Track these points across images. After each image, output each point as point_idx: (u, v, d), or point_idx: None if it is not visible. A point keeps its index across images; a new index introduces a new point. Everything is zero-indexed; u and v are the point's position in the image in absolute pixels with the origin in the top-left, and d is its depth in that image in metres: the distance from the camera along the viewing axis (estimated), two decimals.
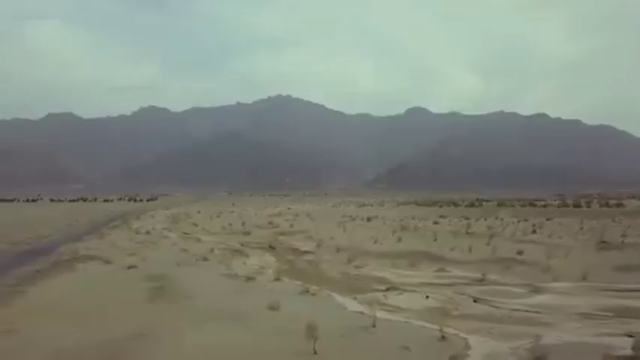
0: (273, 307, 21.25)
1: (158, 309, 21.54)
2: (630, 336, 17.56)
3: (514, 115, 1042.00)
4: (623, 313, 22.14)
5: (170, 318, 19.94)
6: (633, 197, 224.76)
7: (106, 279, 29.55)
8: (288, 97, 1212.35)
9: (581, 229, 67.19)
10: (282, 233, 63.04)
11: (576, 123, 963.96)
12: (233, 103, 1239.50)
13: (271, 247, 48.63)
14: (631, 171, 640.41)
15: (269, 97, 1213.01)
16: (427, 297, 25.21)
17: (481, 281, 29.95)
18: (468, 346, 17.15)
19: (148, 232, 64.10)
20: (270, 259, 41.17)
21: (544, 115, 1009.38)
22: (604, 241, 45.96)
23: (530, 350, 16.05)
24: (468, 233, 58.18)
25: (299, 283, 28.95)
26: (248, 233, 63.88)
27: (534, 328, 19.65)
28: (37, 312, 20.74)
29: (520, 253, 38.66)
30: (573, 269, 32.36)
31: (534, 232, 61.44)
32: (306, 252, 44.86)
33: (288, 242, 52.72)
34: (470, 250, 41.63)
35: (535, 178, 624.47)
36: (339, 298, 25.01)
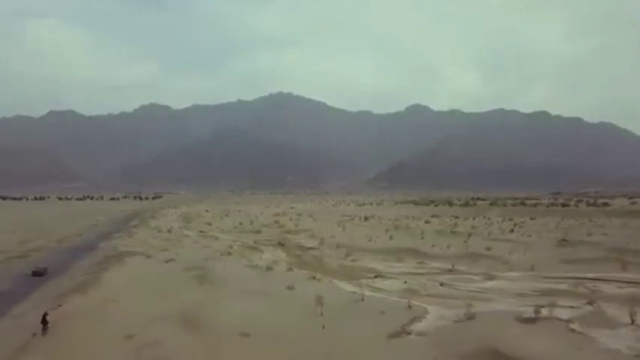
0: (289, 288, 29.18)
1: (206, 289, 29.45)
2: (540, 306, 25.34)
3: (514, 112, 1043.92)
4: (548, 293, 29.87)
5: (217, 295, 27.82)
6: (625, 196, 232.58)
7: (155, 269, 37.43)
8: (289, 94, 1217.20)
9: (557, 227, 74.90)
10: (289, 232, 70.85)
11: (577, 121, 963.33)
12: (234, 100, 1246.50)
13: (281, 244, 56.48)
14: (632, 169, 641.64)
15: (270, 95, 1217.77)
16: (405, 282, 33.03)
17: (450, 271, 37.81)
18: (426, 312, 25.01)
19: (169, 231, 71.93)
20: (281, 254, 49.00)
21: (544, 113, 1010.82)
22: (564, 239, 53.76)
23: (466, 314, 23.87)
24: (452, 232, 66.05)
25: (307, 272, 36.79)
26: (258, 232, 71.74)
27: (478, 302, 27.39)
28: (120, 291, 28.60)
29: (489, 249, 46.52)
30: (527, 262, 40.20)
31: (512, 230, 69.14)
32: (310, 248, 52.68)
33: (295, 240, 60.56)
34: (448, 247, 49.51)
35: (535, 176, 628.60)
36: (338, 282, 32.88)
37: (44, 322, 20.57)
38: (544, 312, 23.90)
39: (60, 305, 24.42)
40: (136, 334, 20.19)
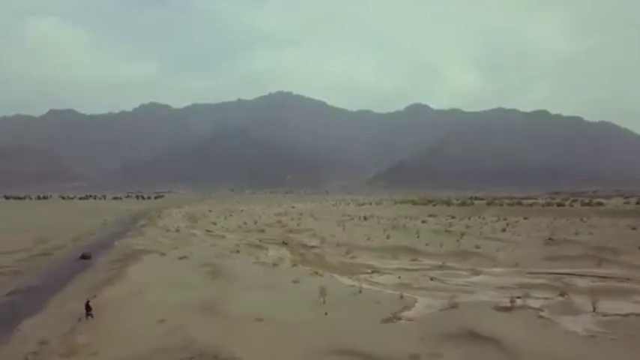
0: (295, 282, 32.67)
1: (220, 283, 32.92)
2: (516, 297, 28.77)
3: (514, 112, 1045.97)
4: (526, 287, 33.25)
5: (230, 288, 31.29)
6: (622, 196, 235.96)
7: (171, 266, 40.87)
8: (289, 93, 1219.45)
9: (547, 227, 78.17)
10: (291, 231, 74.27)
11: (577, 120, 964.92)
12: (234, 99, 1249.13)
13: (284, 243, 59.94)
14: (632, 169, 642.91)
15: (270, 94, 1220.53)
16: (399, 277, 36.49)
17: (441, 267, 41.25)
18: (416, 302, 28.46)
19: (177, 230, 75.36)
20: (285, 252, 52.46)
21: (544, 112, 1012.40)
22: (551, 238, 57.16)
23: (450, 303, 27.32)
24: (446, 231, 69.43)
25: (310, 268, 40.26)
26: (262, 231, 75.17)
27: (463, 294, 30.83)
28: (143, 284, 32.03)
29: (478, 247, 49.96)
30: (512, 259, 43.66)
31: (504, 230, 72.46)
32: (312, 247, 56.13)
33: (297, 239, 63.99)
34: (441, 245, 52.98)
35: (535, 175, 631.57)
36: (338, 277, 36.36)
37: (87, 308, 23.99)
38: (519, 302, 27.32)
39: (95, 296, 27.85)
40: (166, 319, 23.63)
